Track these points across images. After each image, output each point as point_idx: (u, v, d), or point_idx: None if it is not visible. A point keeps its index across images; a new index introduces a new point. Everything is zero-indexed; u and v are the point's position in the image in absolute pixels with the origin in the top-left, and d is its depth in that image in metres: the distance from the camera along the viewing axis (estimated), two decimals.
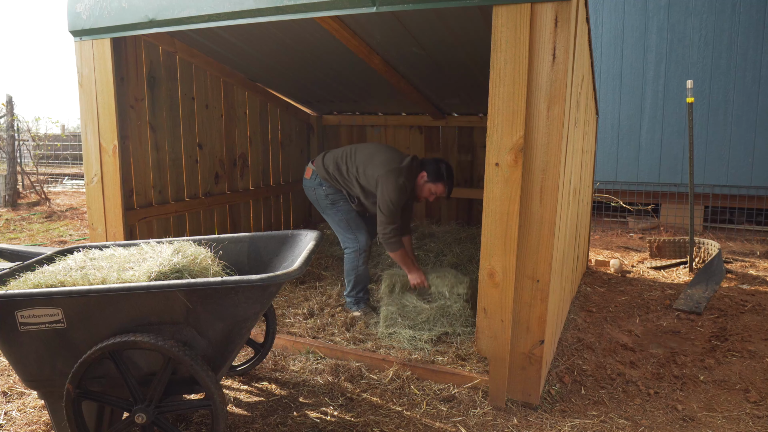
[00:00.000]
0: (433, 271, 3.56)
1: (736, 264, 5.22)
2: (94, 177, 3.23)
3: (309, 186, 3.57)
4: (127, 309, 1.83)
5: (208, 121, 4.11)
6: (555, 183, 2.19)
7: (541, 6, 2.09)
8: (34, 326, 1.82)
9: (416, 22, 3.09)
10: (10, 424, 2.30)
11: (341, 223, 3.50)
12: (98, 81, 3.10)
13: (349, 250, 3.51)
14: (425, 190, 3.35)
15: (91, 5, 2.98)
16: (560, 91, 2.12)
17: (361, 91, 4.86)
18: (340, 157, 3.49)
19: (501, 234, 2.29)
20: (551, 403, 2.48)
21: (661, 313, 3.78)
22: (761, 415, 2.41)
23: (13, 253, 2.43)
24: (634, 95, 7.18)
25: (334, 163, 3.48)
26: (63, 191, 10.79)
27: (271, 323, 2.70)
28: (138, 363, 1.90)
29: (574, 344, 3.19)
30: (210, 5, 2.67)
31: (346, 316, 3.42)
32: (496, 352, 2.39)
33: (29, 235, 6.48)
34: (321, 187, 3.50)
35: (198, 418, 2.33)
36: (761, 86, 6.51)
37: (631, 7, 7.06)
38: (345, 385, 2.62)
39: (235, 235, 2.51)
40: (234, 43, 3.75)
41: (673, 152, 7.05)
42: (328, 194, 3.49)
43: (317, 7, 2.47)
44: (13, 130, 8.54)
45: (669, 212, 7.16)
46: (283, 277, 1.85)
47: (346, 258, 3.53)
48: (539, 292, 2.29)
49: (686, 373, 2.83)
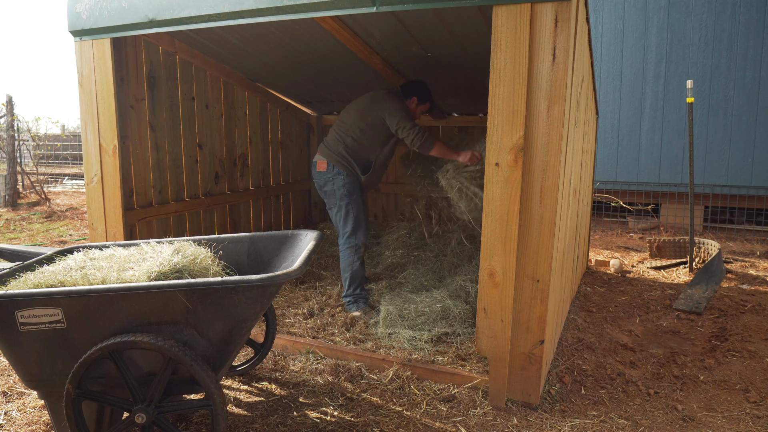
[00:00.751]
0: (478, 144, 3.54)
1: (736, 264, 5.22)
2: (94, 177, 3.23)
3: (325, 178, 3.57)
4: (127, 309, 1.83)
5: (208, 121, 4.11)
6: (555, 183, 2.19)
7: (541, 6, 2.09)
8: (34, 326, 1.82)
9: (416, 22, 3.09)
10: (10, 424, 2.30)
11: (348, 216, 3.53)
12: (98, 81, 3.10)
13: (345, 246, 3.53)
14: (417, 112, 3.73)
15: (91, 5, 2.98)
16: (560, 91, 2.12)
17: (361, 91, 4.83)
18: (336, 133, 3.62)
19: (501, 234, 2.29)
20: (551, 403, 2.48)
21: (661, 313, 3.78)
22: (761, 415, 2.41)
23: (13, 253, 2.43)
24: (634, 95, 7.18)
25: (338, 142, 3.58)
26: (63, 191, 10.79)
27: (271, 323, 2.70)
28: (138, 363, 1.90)
29: (574, 344, 3.19)
30: (210, 5, 2.67)
31: (346, 316, 3.42)
32: (496, 352, 2.39)
33: (29, 235, 6.48)
34: (339, 176, 3.53)
35: (198, 418, 2.33)
36: (761, 86, 6.50)
37: (631, 7, 7.06)
38: (345, 385, 2.62)
39: (235, 235, 2.51)
40: (234, 43, 3.75)
41: (673, 152, 7.05)
42: (346, 183, 3.53)
43: (317, 7, 2.47)
44: (13, 130, 8.55)
45: (669, 212, 7.16)
46: (283, 277, 1.85)
47: (342, 255, 3.55)
48: (539, 292, 2.29)
49: (686, 373, 2.83)
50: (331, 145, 3.61)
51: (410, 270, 4.17)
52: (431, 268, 4.21)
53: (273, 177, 5.15)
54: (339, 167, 3.53)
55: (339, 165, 3.53)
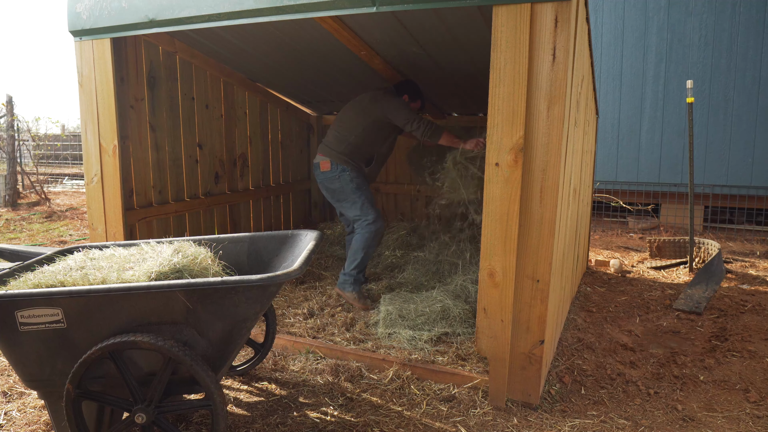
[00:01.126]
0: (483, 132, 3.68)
1: (736, 264, 5.22)
2: (94, 177, 3.23)
3: (331, 176, 3.64)
4: (127, 309, 1.83)
5: (208, 121, 4.11)
6: (555, 183, 2.19)
7: (541, 6, 2.09)
8: (34, 326, 1.82)
9: (416, 22, 3.09)
10: (10, 424, 2.30)
11: (365, 205, 3.60)
12: (98, 81, 3.10)
13: (368, 230, 3.54)
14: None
15: (91, 5, 2.98)
16: (560, 91, 2.12)
17: (361, 91, 4.83)
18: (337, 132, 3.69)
19: (501, 234, 2.29)
20: (551, 403, 2.48)
21: (661, 313, 3.78)
22: (761, 415, 2.41)
23: (13, 253, 2.43)
24: (634, 95, 7.18)
25: (340, 141, 3.66)
26: (63, 191, 10.79)
27: (271, 323, 2.70)
28: (138, 363, 1.90)
29: (574, 344, 3.19)
30: (210, 5, 2.67)
31: (347, 316, 3.42)
32: (496, 352, 2.39)
33: (29, 235, 6.48)
34: (345, 173, 3.61)
35: (198, 418, 2.33)
36: (761, 86, 6.50)
37: (631, 7, 7.06)
38: (345, 385, 2.62)
39: (235, 235, 2.51)
40: (234, 43, 3.75)
41: (673, 152, 7.05)
42: (353, 178, 3.62)
43: (317, 7, 2.47)
44: (13, 130, 8.55)
45: (669, 212, 7.16)
46: (283, 277, 1.85)
47: (361, 235, 3.56)
48: (539, 292, 2.29)
49: (686, 373, 2.83)
50: (333, 144, 3.68)
51: (410, 270, 4.17)
52: (431, 268, 4.21)
53: (273, 177, 5.15)
54: (343, 164, 3.62)
55: (343, 162, 3.62)
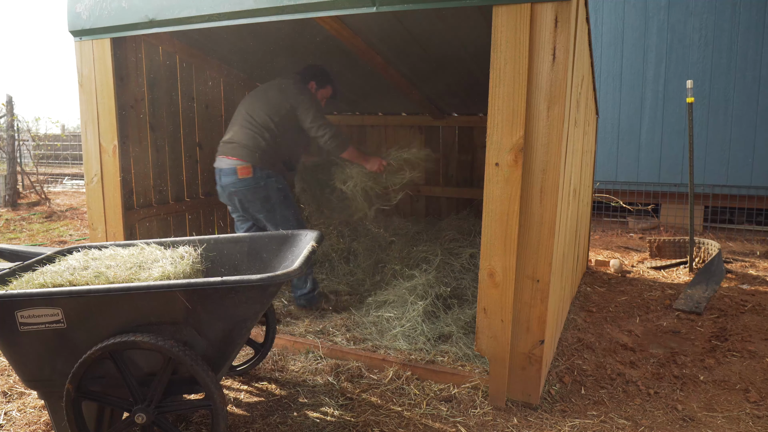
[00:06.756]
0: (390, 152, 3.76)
1: (736, 264, 5.22)
2: (94, 177, 3.23)
3: (254, 185, 3.17)
4: (127, 309, 1.83)
5: (208, 121, 4.11)
6: (555, 183, 2.19)
7: (541, 6, 2.09)
8: (34, 326, 1.82)
9: (416, 22, 3.09)
10: (10, 424, 2.30)
11: (292, 218, 3.29)
12: (98, 81, 3.10)
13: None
14: (319, 97, 3.54)
15: (91, 5, 2.98)
16: (560, 91, 2.12)
17: (361, 91, 4.86)
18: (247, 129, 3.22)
19: (501, 234, 2.29)
20: (551, 403, 2.48)
21: (661, 313, 3.78)
22: (761, 415, 2.41)
23: (13, 253, 2.42)
24: (634, 95, 7.18)
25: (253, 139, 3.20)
26: (63, 191, 10.79)
27: (271, 323, 2.70)
28: (138, 363, 1.90)
29: (574, 344, 3.19)
30: (210, 5, 2.67)
31: (347, 316, 3.42)
32: (496, 352, 2.39)
33: (29, 235, 6.48)
34: (271, 179, 3.21)
35: (198, 418, 2.33)
36: (761, 86, 6.50)
37: (631, 7, 7.06)
38: (345, 385, 2.62)
39: (234, 235, 2.51)
40: (234, 43, 3.75)
41: (673, 152, 7.05)
42: (280, 187, 3.25)
43: (317, 7, 2.48)
44: (13, 130, 8.54)
45: (669, 212, 7.16)
46: (283, 277, 1.85)
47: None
48: (539, 292, 2.29)
49: (686, 373, 2.83)
50: (248, 144, 3.20)
51: (406, 270, 4.17)
52: (430, 268, 4.20)
53: None
54: (268, 168, 3.21)
55: (268, 166, 3.21)
